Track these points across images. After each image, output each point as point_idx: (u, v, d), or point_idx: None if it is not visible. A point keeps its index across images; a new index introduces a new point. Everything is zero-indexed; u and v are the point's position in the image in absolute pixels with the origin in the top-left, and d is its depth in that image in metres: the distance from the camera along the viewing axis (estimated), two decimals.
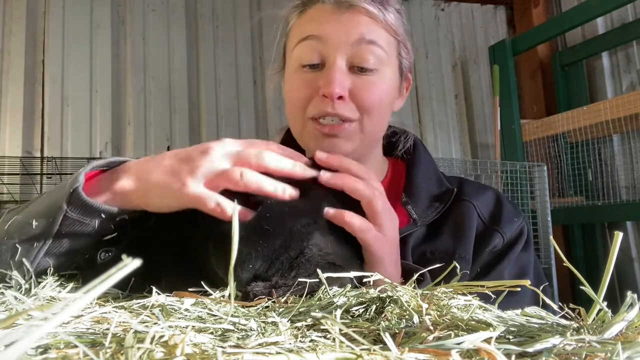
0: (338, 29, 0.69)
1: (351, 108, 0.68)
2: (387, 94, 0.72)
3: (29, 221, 0.50)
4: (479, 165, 2.54)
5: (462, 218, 0.73)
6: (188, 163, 0.50)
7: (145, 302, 0.36)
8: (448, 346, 0.24)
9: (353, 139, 0.70)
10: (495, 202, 0.77)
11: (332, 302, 0.37)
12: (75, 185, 0.49)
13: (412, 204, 0.73)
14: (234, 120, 2.86)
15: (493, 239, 0.72)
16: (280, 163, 0.52)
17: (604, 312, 0.30)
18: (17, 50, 2.57)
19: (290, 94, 0.73)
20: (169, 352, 0.22)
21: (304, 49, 0.70)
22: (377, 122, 0.72)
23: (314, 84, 0.69)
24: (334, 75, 0.67)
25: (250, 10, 3.00)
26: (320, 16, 0.70)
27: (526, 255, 0.74)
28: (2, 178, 2.33)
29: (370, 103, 0.69)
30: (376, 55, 0.69)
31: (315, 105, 0.69)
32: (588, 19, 2.51)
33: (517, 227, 0.74)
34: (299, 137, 0.75)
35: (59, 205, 0.49)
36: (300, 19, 0.73)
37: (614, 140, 2.70)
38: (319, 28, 0.69)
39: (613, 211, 2.50)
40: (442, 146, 3.19)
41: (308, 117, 0.70)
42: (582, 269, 2.77)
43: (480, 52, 3.36)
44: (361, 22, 0.69)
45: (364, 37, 0.68)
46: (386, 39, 0.71)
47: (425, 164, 0.79)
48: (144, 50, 2.78)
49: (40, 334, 0.16)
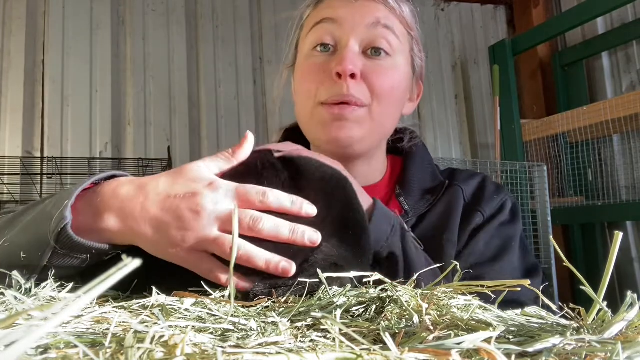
0: (354, 12, 0.69)
1: (364, 90, 0.68)
2: (400, 83, 0.71)
3: (17, 252, 0.47)
4: (479, 165, 2.54)
5: (451, 202, 0.73)
6: (178, 224, 0.45)
7: (145, 302, 0.36)
8: (448, 346, 0.24)
9: (362, 123, 0.69)
10: (479, 184, 0.77)
11: (332, 302, 0.37)
12: (64, 224, 0.45)
13: (405, 196, 0.74)
14: (234, 120, 2.86)
15: (474, 218, 0.72)
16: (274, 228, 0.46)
17: (604, 312, 0.30)
18: (17, 50, 2.58)
19: (301, 79, 0.73)
20: (169, 352, 0.22)
21: (317, 32, 0.70)
22: (387, 112, 0.71)
23: (327, 67, 0.68)
24: (346, 54, 0.66)
25: (250, 10, 3.00)
26: (336, 3, 0.71)
27: (511, 229, 0.74)
28: (2, 178, 2.33)
29: (381, 87, 0.68)
30: (391, 41, 0.69)
31: (328, 88, 0.68)
32: (588, 19, 2.50)
33: (497, 203, 0.74)
34: (307, 126, 0.73)
35: (46, 241, 0.45)
36: (316, 10, 0.74)
37: (614, 140, 2.70)
38: (334, 12, 0.69)
39: (613, 211, 2.50)
40: (442, 146, 3.19)
41: (319, 102, 0.69)
42: (582, 269, 2.77)
43: (480, 52, 3.36)
44: (378, 8, 0.69)
45: (380, 20, 0.68)
46: (401, 30, 0.71)
47: (421, 158, 0.80)
48: (144, 50, 2.78)
49: (40, 334, 0.16)
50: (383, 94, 0.69)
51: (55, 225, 0.45)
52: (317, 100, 0.69)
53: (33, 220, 0.50)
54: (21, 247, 0.47)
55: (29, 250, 0.47)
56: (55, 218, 0.45)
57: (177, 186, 0.47)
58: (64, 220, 0.45)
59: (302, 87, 0.73)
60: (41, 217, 0.48)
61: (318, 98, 0.69)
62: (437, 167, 0.82)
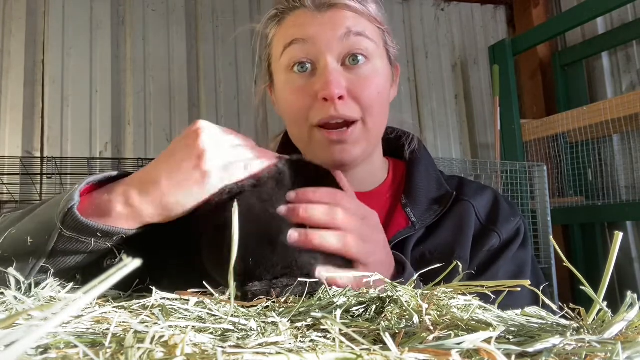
0: (323, 28, 0.67)
1: (353, 107, 0.68)
2: (384, 87, 0.71)
3: (24, 237, 0.48)
4: (479, 165, 2.54)
5: (461, 218, 0.72)
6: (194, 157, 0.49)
7: (145, 302, 0.37)
8: (448, 346, 0.24)
9: (360, 141, 0.69)
10: (493, 202, 0.76)
11: (332, 302, 0.37)
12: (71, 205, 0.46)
13: (411, 207, 0.73)
14: (234, 120, 2.86)
15: (490, 239, 0.72)
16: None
17: (604, 312, 0.30)
18: (17, 50, 2.57)
19: (288, 104, 0.71)
20: (169, 352, 0.22)
21: (290, 53, 0.69)
22: (379, 118, 0.72)
23: (311, 90, 0.68)
24: (329, 76, 0.65)
25: (250, 10, 3.00)
26: (302, 20, 0.69)
27: (524, 253, 0.74)
28: (2, 178, 2.33)
29: (369, 99, 0.68)
30: (366, 46, 0.68)
31: (318, 111, 0.67)
32: (588, 19, 2.50)
33: (513, 227, 0.74)
34: (306, 147, 0.73)
35: (53, 224, 0.46)
36: (280, 28, 0.72)
37: (614, 140, 2.70)
38: (303, 31, 0.68)
39: (613, 211, 2.50)
40: (442, 146, 3.19)
41: (313, 125, 0.69)
42: (582, 269, 2.76)
43: (480, 52, 3.36)
44: (345, 16, 0.68)
45: (351, 29, 0.67)
46: (372, 30, 0.70)
47: (426, 165, 0.79)
48: (144, 50, 2.78)
49: (40, 334, 0.16)
50: (372, 104, 0.69)
51: (62, 206, 0.46)
52: (309, 122, 0.69)
53: (41, 209, 0.52)
54: (28, 233, 0.48)
55: (36, 234, 0.48)
56: (63, 200, 0.47)
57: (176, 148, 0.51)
58: (71, 201, 0.46)
59: (290, 110, 0.72)
60: (49, 205, 0.50)
61: (310, 121, 0.69)
62: (441, 172, 0.81)
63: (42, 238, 0.47)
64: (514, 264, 0.72)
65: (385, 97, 0.72)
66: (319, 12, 0.68)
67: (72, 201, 0.46)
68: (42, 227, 0.48)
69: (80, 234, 0.47)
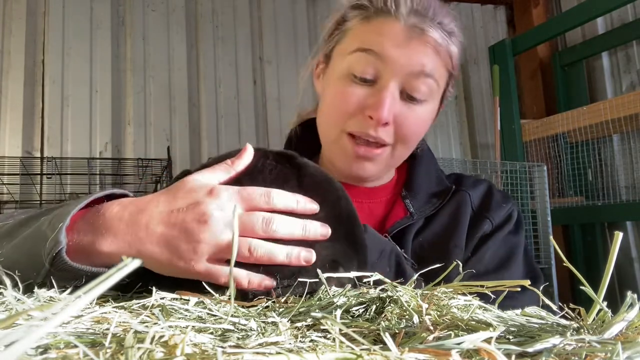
0: (402, 54, 0.65)
1: (391, 134, 0.68)
2: (426, 126, 0.73)
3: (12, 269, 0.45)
4: (479, 165, 2.54)
5: (458, 208, 0.74)
6: (187, 237, 0.43)
7: (145, 302, 0.36)
8: (448, 346, 0.24)
9: (382, 163, 0.71)
10: (486, 191, 0.78)
11: (332, 302, 0.37)
12: (58, 249, 0.43)
13: (411, 198, 0.75)
14: (234, 120, 2.86)
15: (482, 225, 0.73)
16: (288, 228, 0.46)
17: (604, 312, 0.30)
18: (17, 50, 2.57)
19: (334, 102, 0.70)
20: (169, 352, 0.22)
21: (360, 60, 0.67)
22: (409, 150, 0.74)
23: (362, 100, 0.67)
24: (385, 100, 0.65)
25: (250, 10, 3.00)
26: (389, 33, 0.66)
27: (516, 238, 0.75)
28: (2, 178, 2.33)
29: (410, 134, 0.70)
30: (430, 87, 0.68)
31: (358, 123, 0.67)
32: (588, 19, 2.50)
33: (505, 212, 0.76)
34: (329, 147, 0.74)
35: (41, 263, 0.44)
36: (363, 25, 0.69)
37: (614, 140, 2.70)
38: (384, 47, 0.65)
39: (613, 211, 2.50)
40: (442, 146, 3.19)
41: (345, 131, 0.69)
42: (582, 269, 2.77)
43: (480, 52, 3.36)
44: (426, 52, 0.66)
45: (424, 70, 0.66)
46: (442, 72, 0.69)
47: (427, 164, 0.81)
48: (144, 50, 2.78)
49: (40, 334, 0.16)
50: (409, 139, 0.70)
51: (49, 248, 0.44)
52: (344, 127, 0.69)
53: (29, 237, 0.48)
54: (16, 265, 0.46)
55: (24, 269, 0.45)
56: (50, 240, 0.44)
57: (178, 200, 0.46)
58: (58, 245, 0.43)
59: (333, 107, 0.71)
60: (36, 236, 0.47)
61: (345, 126, 0.69)
62: (442, 171, 0.83)
63: (31, 273, 0.45)
64: (504, 248, 0.73)
65: (422, 134, 0.74)
66: (409, 33, 0.65)
67: (59, 245, 0.43)
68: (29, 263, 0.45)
69: (70, 274, 0.45)
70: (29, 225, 0.50)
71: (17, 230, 0.51)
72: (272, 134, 2.91)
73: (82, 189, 2.42)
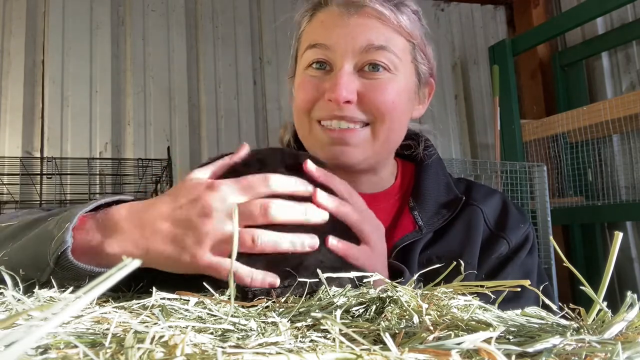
0: (345, 34, 0.66)
1: (359, 111, 0.67)
2: (401, 98, 0.69)
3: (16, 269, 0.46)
4: (479, 166, 2.54)
5: (470, 224, 0.71)
6: (191, 230, 0.45)
7: (145, 302, 0.36)
8: (448, 346, 0.24)
9: (365, 146, 0.68)
10: (502, 207, 0.75)
11: (332, 302, 0.37)
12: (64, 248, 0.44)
13: (419, 210, 0.71)
14: (233, 120, 2.86)
15: (499, 246, 0.70)
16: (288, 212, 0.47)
17: (604, 312, 0.30)
18: (17, 50, 2.57)
19: (298, 95, 0.72)
20: (169, 352, 0.22)
21: (312, 55, 0.69)
22: (392, 130, 0.69)
23: (320, 87, 0.68)
24: (340, 79, 0.65)
25: (250, 10, 3.00)
26: (329, 21, 0.68)
27: (530, 260, 0.73)
28: (2, 178, 2.33)
29: (381, 104, 0.66)
30: (386, 58, 0.66)
31: (321, 108, 0.68)
32: (588, 19, 2.50)
33: (522, 233, 0.73)
34: (306, 140, 0.73)
35: (46, 262, 0.45)
36: (310, 24, 0.72)
37: (614, 140, 2.70)
38: (326, 35, 0.67)
39: (613, 211, 2.50)
40: (442, 146, 3.19)
41: (314, 120, 0.69)
42: (582, 269, 2.76)
43: (480, 52, 3.36)
44: (369, 26, 0.66)
45: (372, 43, 0.66)
46: (399, 43, 0.68)
47: (435, 169, 0.77)
48: (144, 50, 2.77)
49: (40, 334, 0.16)
50: (385, 111, 0.67)
51: (55, 247, 0.45)
52: (311, 115, 0.69)
53: (34, 237, 0.49)
54: (20, 264, 0.47)
55: (28, 269, 0.46)
56: (56, 240, 0.45)
57: (180, 198, 0.47)
58: (64, 244, 0.44)
59: (297, 100, 0.72)
60: (42, 235, 0.48)
61: (313, 115, 0.69)
62: (450, 176, 0.79)
63: (34, 273, 0.46)
64: (521, 271, 0.71)
65: (402, 109, 0.70)
66: (347, 12, 0.66)
67: (65, 244, 0.44)
68: (34, 262, 0.46)
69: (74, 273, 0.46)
70: (35, 227, 0.51)
71: (22, 232, 0.52)
72: (272, 134, 2.91)
73: (82, 189, 2.42)
